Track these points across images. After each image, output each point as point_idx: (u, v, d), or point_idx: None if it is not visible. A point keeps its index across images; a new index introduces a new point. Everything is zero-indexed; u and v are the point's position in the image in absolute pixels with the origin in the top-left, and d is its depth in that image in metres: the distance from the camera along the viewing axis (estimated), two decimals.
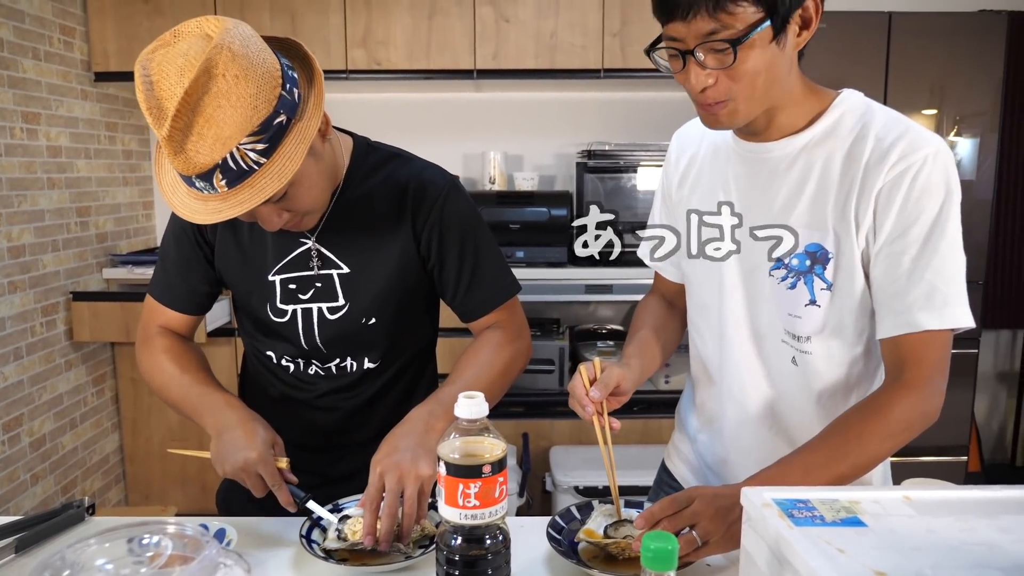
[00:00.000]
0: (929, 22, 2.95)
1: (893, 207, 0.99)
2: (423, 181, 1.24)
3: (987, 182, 3.04)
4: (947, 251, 0.99)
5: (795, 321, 1.08)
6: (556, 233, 3.13)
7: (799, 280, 1.07)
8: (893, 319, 1.01)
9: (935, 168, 0.98)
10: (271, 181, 0.99)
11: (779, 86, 1.01)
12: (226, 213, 0.99)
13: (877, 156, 1.00)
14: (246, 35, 0.97)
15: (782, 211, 1.08)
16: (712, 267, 1.17)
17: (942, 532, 0.73)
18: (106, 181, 3.18)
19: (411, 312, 1.31)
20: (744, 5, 0.92)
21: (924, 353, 1.00)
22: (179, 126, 0.93)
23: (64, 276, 2.91)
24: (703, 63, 0.96)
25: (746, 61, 0.95)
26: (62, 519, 1.12)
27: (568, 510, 1.14)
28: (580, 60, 3.09)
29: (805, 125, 1.06)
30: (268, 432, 1.13)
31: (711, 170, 1.18)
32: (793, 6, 0.95)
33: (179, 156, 0.95)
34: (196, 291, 1.30)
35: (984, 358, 3.59)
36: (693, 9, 0.93)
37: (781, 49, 0.97)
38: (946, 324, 0.99)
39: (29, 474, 2.71)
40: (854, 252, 1.02)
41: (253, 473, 1.09)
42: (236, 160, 0.96)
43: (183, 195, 1.03)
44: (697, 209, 1.18)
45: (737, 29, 0.93)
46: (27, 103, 2.68)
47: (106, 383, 3.17)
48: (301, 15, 3.06)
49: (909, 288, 0.99)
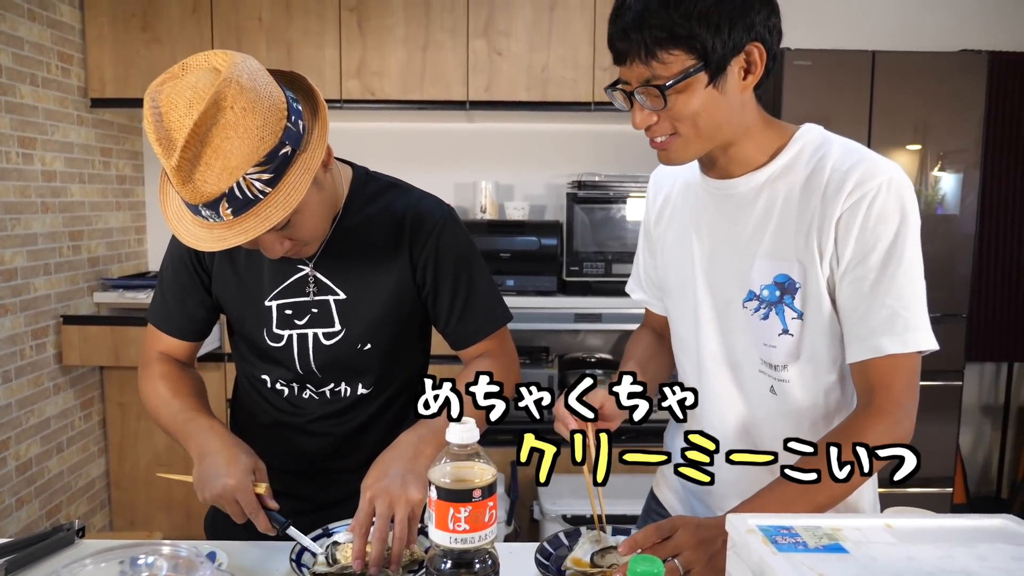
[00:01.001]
0: (912, 61, 3.03)
1: (852, 235, 1.02)
2: (420, 211, 1.27)
3: (970, 216, 3.10)
4: (905, 276, 1.01)
5: (770, 351, 1.11)
6: (546, 262, 3.16)
7: (771, 311, 1.09)
8: (859, 344, 1.04)
9: (889, 195, 1.01)
10: (276, 210, 1.01)
11: (726, 126, 1.05)
12: (231, 241, 1.02)
13: (835, 186, 1.03)
14: (253, 69, 1.00)
15: (748, 244, 1.11)
16: (688, 302, 1.20)
17: (921, 559, 0.75)
18: (99, 206, 3.19)
19: (405, 339, 1.33)
20: (676, 53, 0.98)
21: (892, 378, 1.02)
22: (188, 156, 0.95)
23: (55, 299, 2.91)
24: (643, 103, 1.02)
25: (678, 104, 1.00)
26: (52, 541, 1.12)
27: (556, 536, 1.15)
28: (571, 93, 3.14)
29: (767, 160, 1.10)
30: (250, 458, 1.14)
31: (683, 206, 1.22)
32: (728, 54, 0.99)
33: (187, 186, 0.98)
34: (193, 317, 1.32)
35: (968, 391, 3.63)
36: (629, 57, 1.01)
37: (721, 93, 1.01)
38: (909, 348, 1.01)
39: (14, 498, 2.69)
40: (819, 281, 1.05)
41: (231, 500, 1.09)
42: (242, 189, 0.99)
43: (188, 223, 1.05)
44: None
45: (670, 75, 0.98)
46: (23, 128, 2.70)
47: (94, 407, 3.15)
48: (297, 46, 3.11)
49: (871, 314, 1.02)
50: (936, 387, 3.06)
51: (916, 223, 1.03)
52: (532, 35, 3.12)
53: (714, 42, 0.97)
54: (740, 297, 1.12)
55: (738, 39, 0.99)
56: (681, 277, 1.22)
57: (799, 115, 3.24)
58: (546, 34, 3.12)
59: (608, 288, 3.14)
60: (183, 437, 1.21)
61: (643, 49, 0.98)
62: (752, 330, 1.12)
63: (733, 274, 1.13)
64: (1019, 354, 3.54)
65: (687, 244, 1.20)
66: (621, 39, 1.01)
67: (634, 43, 0.99)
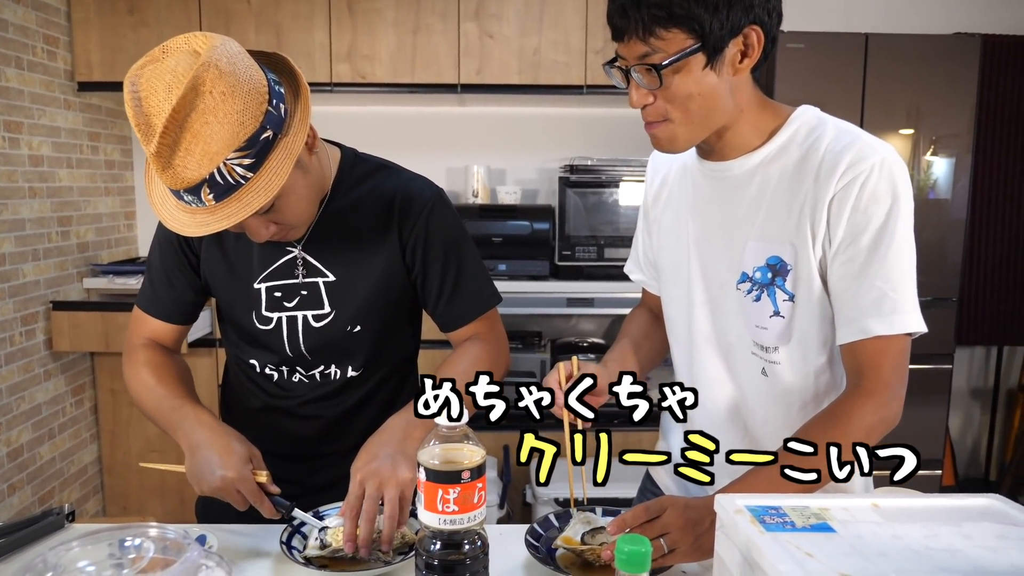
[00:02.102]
0: (905, 44, 3.02)
1: (843, 216, 1.02)
2: (410, 193, 1.27)
3: (961, 201, 3.10)
4: (895, 258, 1.01)
5: (762, 332, 1.11)
6: (538, 247, 3.15)
7: (763, 292, 1.10)
8: (847, 326, 1.04)
9: (882, 176, 1.01)
10: (258, 195, 1.00)
11: (719, 110, 1.04)
12: (214, 226, 1.01)
13: (828, 167, 1.03)
14: (233, 52, 0.99)
15: (742, 226, 1.11)
16: (682, 283, 1.20)
17: (907, 538, 0.76)
18: (88, 191, 3.17)
19: (395, 321, 1.33)
20: (675, 32, 0.97)
21: (880, 360, 1.02)
22: (167, 142, 0.94)
23: (44, 285, 2.89)
24: (639, 81, 1.02)
25: (674, 85, 1.00)
26: (42, 526, 1.12)
27: (547, 518, 1.15)
28: (563, 76, 3.13)
29: (762, 142, 1.10)
30: (244, 446, 1.13)
31: (679, 189, 1.22)
32: (727, 36, 0.99)
33: (167, 171, 0.97)
34: (181, 300, 1.31)
35: (958, 374, 3.65)
36: (627, 32, 1.00)
37: (718, 74, 1.01)
38: (896, 330, 1.01)
39: (6, 484, 2.68)
40: (811, 262, 1.05)
41: (232, 491, 1.09)
42: (223, 175, 0.98)
43: (172, 208, 1.05)
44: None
45: (667, 53, 0.98)
46: (9, 112, 2.67)
47: (85, 393, 3.14)
48: (286, 30, 3.08)
49: (860, 295, 1.02)
50: (926, 370, 3.08)
51: (909, 205, 1.03)
52: (524, 18, 3.10)
53: (712, 23, 0.97)
54: (733, 279, 1.12)
55: (736, 21, 0.98)
56: (675, 259, 1.22)
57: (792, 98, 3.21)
58: (538, 17, 3.10)
59: (601, 272, 3.13)
60: (170, 426, 1.20)
61: (641, 26, 0.98)
62: (744, 312, 1.12)
63: (726, 256, 1.13)
64: (1009, 338, 3.56)
65: (682, 226, 1.20)
66: (619, 15, 1.00)
67: (632, 20, 0.98)
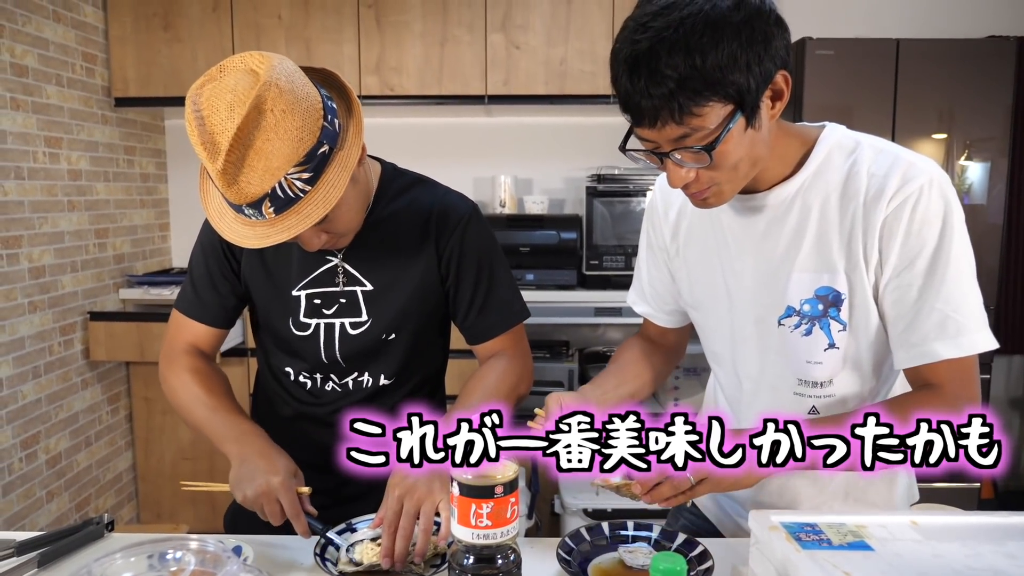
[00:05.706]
0: (937, 48, 2.97)
1: (896, 240, 0.99)
2: (446, 206, 1.29)
3: (998, 207, 3.04)
4: (954, 279, 0.98)
5: (813, 368, 1.07)
6: (566, 256, 3.15)
7: (814, 325, 1.06)
8: (908, 351, 1.01)
9: (932, 197, 0.98)
10: (316, 207, 1.04)
11: (760, 161, 0.99)
12: (274, 238, 1.04)
13: (875, 191, 1.00)
14: (290, 70, 1.02)
15: (784, 258, 1.07)
16: (721, 320, 1.17)
17: (948, 557, 0.74)
18: (124, 203, 3.23)
19: (427, 331, 1.35)
20: (711, 104, 0.89)
21: (949, 381, 0.99)
22: (232, 160, 0.98)
23: (82, 296, 2.96)
24: (681, 163, 0.95)
25: (724, 155, 0.94)
26: (83, 535, 1.15)
27: (578, 531, 1.15)
28: (589, 86, 3.13)
29: (792, 170, 1.05)
30: (290, 463, 1.16)
31: (701, 222, 1.17)
32: (761, 89, 0.92)
33: (232, 188, 1.00)
34: (224, 304, 1.34)
35: (996, 383, 3.57)
36: (660, 118, 0.91)
37: (757, 130, 0.95)
38: (964, 351, 0.98)
39: (45, 491, 2.74)
40: (866, 289, 1.02)
41: (273, 499, 1.11)
42: (284, 189, 1.01)
43: (231, 220, 1.08)
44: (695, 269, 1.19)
45: (708, 129, 0.91)
46: (50, 128, 2.74)
47: (120, 402, 3.20)
48: (316, 43, 3.12)
49: (921, 319, 0.99)
50: None
51: (961, 221, 0.99)
52: (550, 29, 3.11)
53: (748, 82, 0.90)
54: (775, 315, 1.08)
55: (768, 71, 0.92)
56: (711, 295, 1.17)
57: (821, 106, 3.21)
58: (564, 27, 3.11)
59: (628, 282, 3.04)
60: (219, 438, 1.23)
61: (676, 107, 0.89)
62: (791, 349, 1.08)
63: (765, 291, 1.09)
64: None
65: (710, 261, 1.16)
66: (644, 97, 0.90)
67: (661, 100, 0.89)
